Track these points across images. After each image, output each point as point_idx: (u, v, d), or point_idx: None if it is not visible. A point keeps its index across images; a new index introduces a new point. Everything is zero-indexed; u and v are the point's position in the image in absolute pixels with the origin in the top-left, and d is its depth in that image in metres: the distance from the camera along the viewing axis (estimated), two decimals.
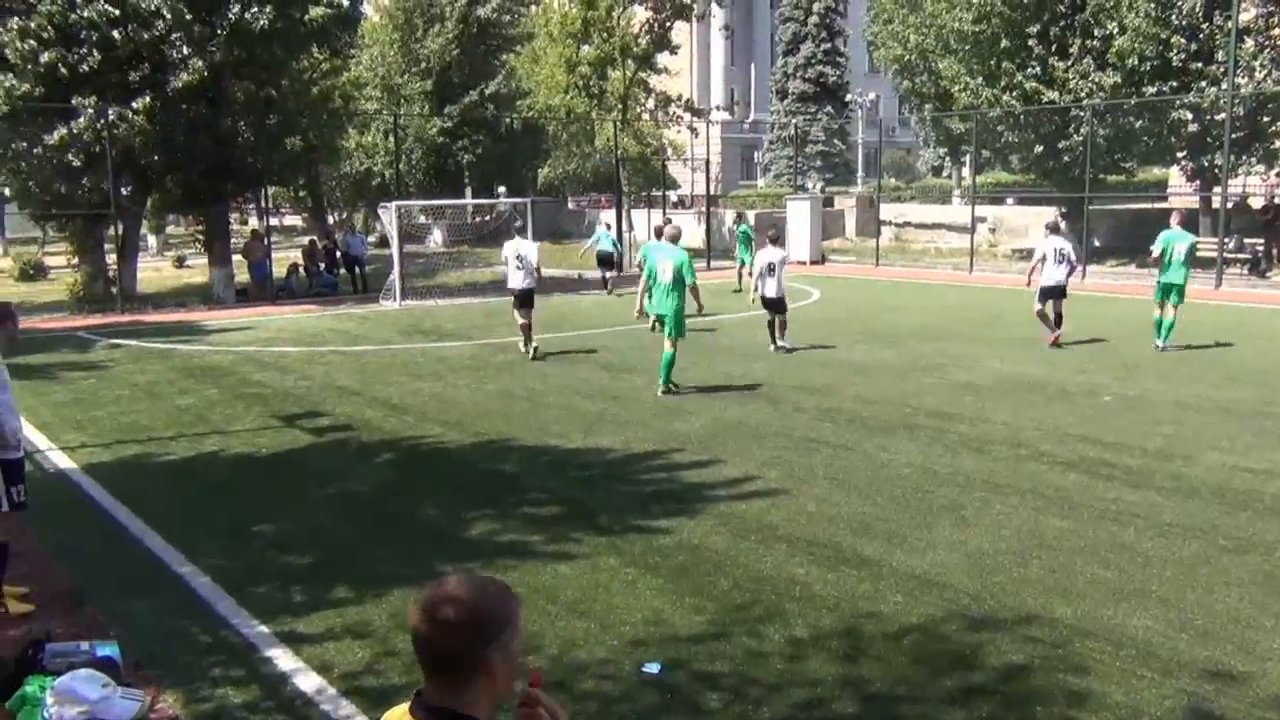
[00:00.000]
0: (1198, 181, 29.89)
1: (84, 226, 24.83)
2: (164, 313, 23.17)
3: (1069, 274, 15.64)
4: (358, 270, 27.93)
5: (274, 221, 38.75)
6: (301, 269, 28.09)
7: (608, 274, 25.71)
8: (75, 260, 26.26)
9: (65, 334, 19.59)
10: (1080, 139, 27.70)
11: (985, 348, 15.78)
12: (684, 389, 12.79)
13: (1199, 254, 27.16)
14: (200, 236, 29.35)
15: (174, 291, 27.48)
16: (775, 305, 15.57)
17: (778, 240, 16.12)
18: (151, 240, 43.64)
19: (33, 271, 32.57)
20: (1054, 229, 16.05)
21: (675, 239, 12.99)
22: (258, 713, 5.14)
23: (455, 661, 1.97)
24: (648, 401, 12.29)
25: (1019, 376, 13.41)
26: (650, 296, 13.00)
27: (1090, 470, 9.02)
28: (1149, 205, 35.40)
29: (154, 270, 33.83)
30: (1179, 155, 29.65)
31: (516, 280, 15.67)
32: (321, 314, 22.68)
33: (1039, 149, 29.72)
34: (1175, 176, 35.58)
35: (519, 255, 15.75)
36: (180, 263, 36.84)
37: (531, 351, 15.45)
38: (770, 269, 15.39)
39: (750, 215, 29.53)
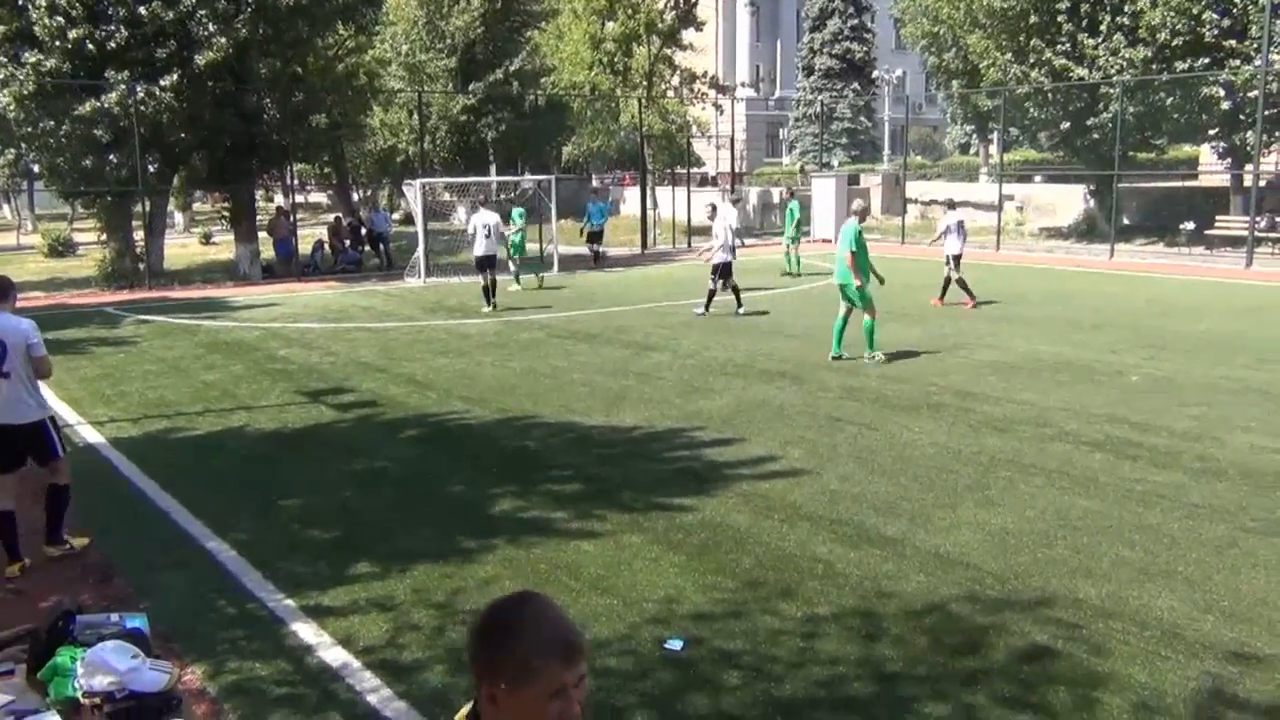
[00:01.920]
0: (1229, 160, 29.49)
1: (112, 204, 24.99)
2: (190, 289, 23.37)
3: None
4: (382, 247, 28.06)
5: (299, 198, 38.92)
6: (326, 245, 28.21)
7: (597, 249, 27.49)
8: (103, 237, 26.46)
9: (93, 310, 19.79)
10: (1110, 116, 27.37)
11: (1010, 326, 15.68)
12: (705, 368, 12.83)
13: (1229, 232, 27.17)
14: (226, 213, 29.45)
15: (200, 268, 27.68)
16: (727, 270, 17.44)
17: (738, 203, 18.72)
18: (178, 217, 43.94)
19: (61, 248, 32.91)
20: (951, 205, 18.74)
21: (856, 213, 13.72)
22: (283, 685, 5.19)
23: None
24: (671, 379, 12.30)
25: (1045, 356, 13.32)
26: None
27: (1117, 450, 8.96)
28: (1179, 184, 34.96)
29: (181, 247, 34.08)
30: (1210, 133, 29.21)
31: (481, 248, 18.32)
32: (346, 290, 22.79)
33: (1067, 126, 29.38)
34: (1206, 154, 35.07)
35: (486, 225, 18.38)
36: (207, 239, 37.14)
37: (493, 307, 18.30)
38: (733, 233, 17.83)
39: (776, 193, 29.46)
